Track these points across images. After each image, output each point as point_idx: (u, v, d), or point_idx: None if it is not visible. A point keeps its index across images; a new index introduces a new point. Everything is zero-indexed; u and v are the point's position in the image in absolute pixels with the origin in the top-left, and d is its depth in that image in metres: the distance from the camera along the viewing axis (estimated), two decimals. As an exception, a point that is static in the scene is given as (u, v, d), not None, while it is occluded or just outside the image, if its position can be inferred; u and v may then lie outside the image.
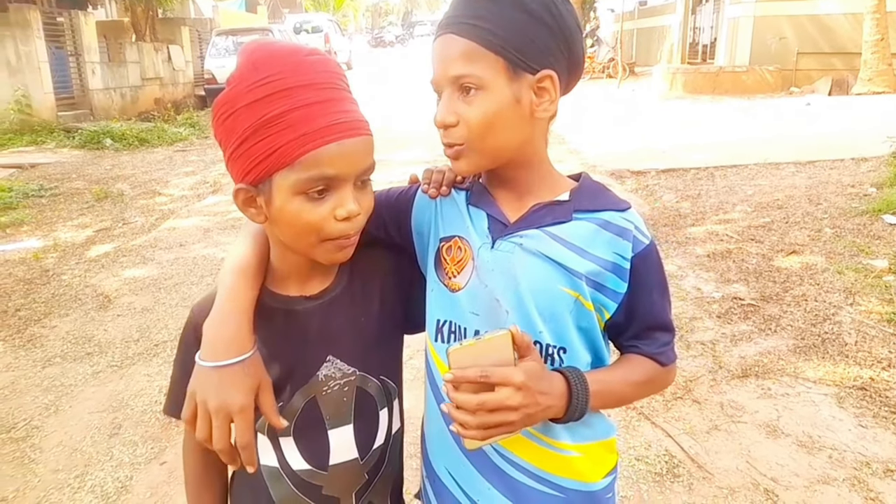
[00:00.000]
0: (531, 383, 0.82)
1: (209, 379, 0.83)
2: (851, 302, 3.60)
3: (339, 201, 0.85)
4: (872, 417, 2.62)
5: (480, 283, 0.92)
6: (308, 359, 0.95)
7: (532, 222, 0.92)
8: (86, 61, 12.08)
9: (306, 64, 0.83)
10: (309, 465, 0.97)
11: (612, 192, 0.97)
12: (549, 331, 0.91)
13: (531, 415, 0.83)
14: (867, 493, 2.20)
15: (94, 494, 2.37)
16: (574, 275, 0.89)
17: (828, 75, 12.91)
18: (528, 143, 0.92)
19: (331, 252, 0.89)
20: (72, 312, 4.02)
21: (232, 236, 5.48)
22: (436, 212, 1.01)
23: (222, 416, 0.82)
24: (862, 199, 5.33)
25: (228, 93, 0.83)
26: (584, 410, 0.87)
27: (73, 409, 2.94)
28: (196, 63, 17.00)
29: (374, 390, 1.00)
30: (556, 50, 0.87)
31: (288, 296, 0.96)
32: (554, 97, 0.89)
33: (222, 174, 7.94)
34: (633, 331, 0.95)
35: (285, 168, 0.82)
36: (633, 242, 0.91)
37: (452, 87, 0.88)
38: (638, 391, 0.98)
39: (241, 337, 0.86)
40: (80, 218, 6.17)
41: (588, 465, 0.96)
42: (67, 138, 10.18)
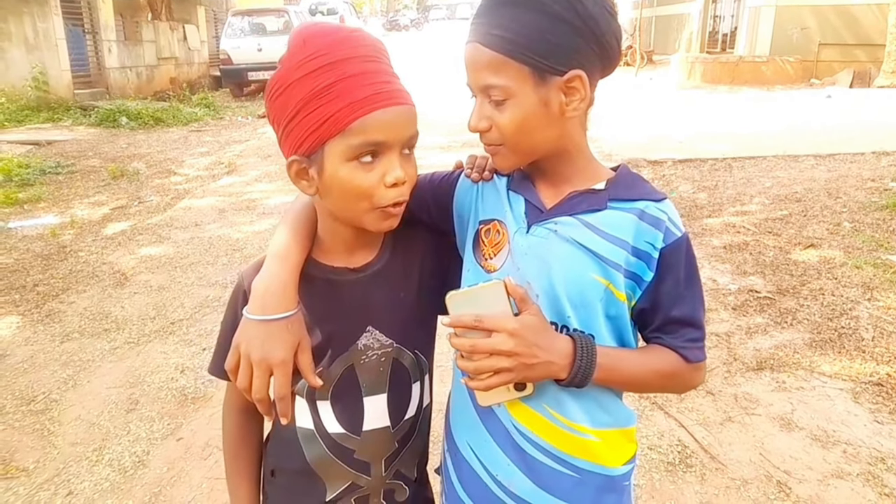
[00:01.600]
0: (525, 332, 0.84)
1: (254, 331, 0.89)
2: (869, 297, 3.57)
3: (387, 168, 0.89)
4: (888, 413, 2.60)
5: (514, 266, 0.94)
6: (349, 328, 0.99)
7: (567, 209, 0.93)
8: (102, 39, 12.11)
9: (351, 39, 0.88)
10: (343, 430, 1.01)
11: (648, 183, 0.98)
12: (577, 317, 0.92)
13: (528, 365, 0.85)
14: (881, 489, 2.19)
15: (111, 468, 2.41)
16: (606, 263, 0.90)
17: (850, 67, 12.70)
18: (562, 138, 0.93)
19: (379, 220, 0.92)
20: (89, 289, 4.07)
21: (247, 216, 5.51)
22: (477, 195, 1.03)
23: (263, 367, 0.87)
24: (882, 194, 5.26)
25: (280, 71, 0.88)
26: (588, 375, 0.88)
27: (90, 384, 2.99)
28: (211, 43, 17.00)
29: (409, 363, 1.04)
30: (584, 47, 0.87)
31: (333, 266, 1.00)
32: (584, 95, 0.89)
33: (237, 155, 7.98)
34: (658, 322, 0.96)
35: (336, 136, 0.86)
36: (664, 233, 0.91)
37: (483, 95, 0.91)
38: (655, 380, 0.97)
39: (287, 295, 0.91)
40: (97, 195, 6.22)
41: (606, 450, 0.97)
42: (84, 116, 10.24)
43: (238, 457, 1.09)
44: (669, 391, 1.11)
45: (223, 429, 1.10)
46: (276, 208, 5.71)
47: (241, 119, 11.14)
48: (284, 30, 13.87)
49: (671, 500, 2.17)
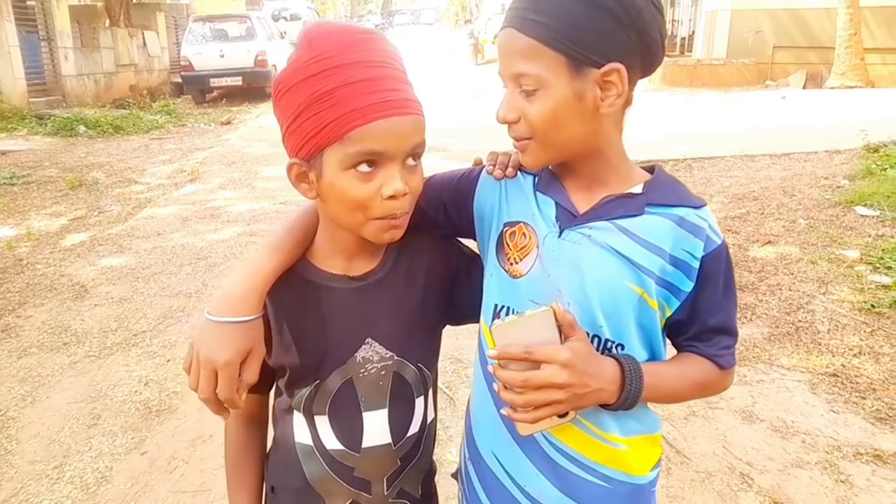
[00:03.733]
0: (577, 362, 0.80)
1: (206, 331, 0.87)
2: (824, 291, 3.68)
3: (386, 179, 0.85)
4: (843, 403, 2.69)
5: (543, 272, 0.90)
6: (347, 339, 0.96)
7: (602, 214, 0.89)
8: (58, 46, 11.81)
9: (359, 42, 0.85)
10: (342, 446, 0.98)
11: (686, 187, 0.94)
12: (608, 326, 0.89)
13: (579, 395, 0.81)
14: (838, 476, 2.27)
15: (73, 485, 2.35)
16: (641, 271, 0.87)
17: (802, 69, 13.11)
18: (595, 136, 0.88)
19: (379, 231, 0.89)
20: (47, 302, 3.96)
21: (211, 225, 5.43)
22: (500, 196, 0.98)
23: (209, 368, 0.86)
24: (835, 191, 5.44)
25: (286, 71, 0.86)
26: (636, 398, 0.85)
27: (50, 399, 2.91)
28: (172, 49, 16.71)
29: (411, 377, 1.00)
30: (625, 40, 0.82)
31: (332, 273, 0.96)
32: (622, 90, 0.84)
33: (200, 163, 7.85)
34: (695, 331, 0.92)
35: (335, 143, 0.84)
36: (705, 241, 0.87)
37: (514, 83, 0.86)
38: (692, 390, 0.95)
39: (247, 300, 0.89)
40: (54, 206, 6.06)
41: (635, 458, 0.95)
42: (39, 125, 9.96)
43: (238, 467, 1.07)
44: (702, 398, 1.07)
45: (225, 439, 1.08)
46: (241, 216, 5.64)
47: (204, 126, 10.97)
48: (247, 35, 13.70)
49: (638, 495, 2.21)
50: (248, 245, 4.88)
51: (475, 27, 24.18)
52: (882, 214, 4.74)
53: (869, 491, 2.20)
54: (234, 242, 4.96)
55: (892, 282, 3.66)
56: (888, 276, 3.75)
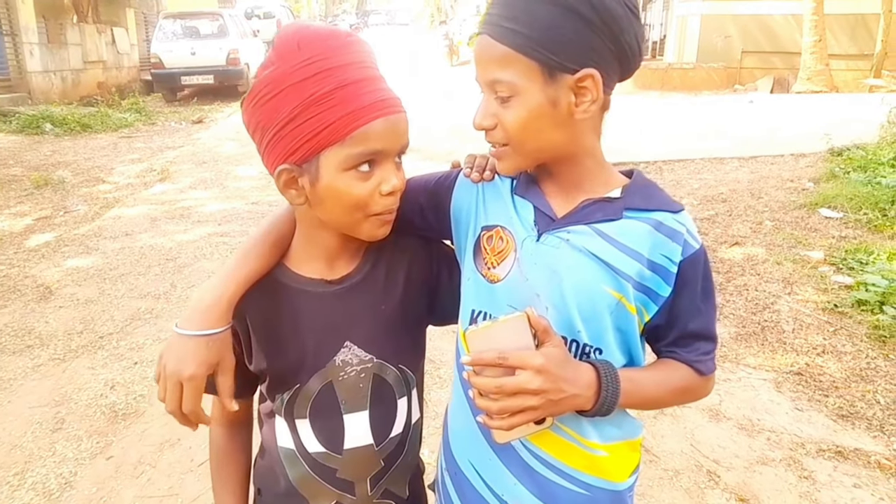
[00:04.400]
0: (551, 367, 0.79)
1: (174, 344, 0.88)
2: (789, 291, 3.77)
3: (383, 176, 0.87)
4: (807, 401, 2.76)
5: (521, 276, 0.90)
6: (325, 343, 0.96)
7: (581, 218, 0.89)
8: (23, 42, 11.50)
9: (347, 44, 0.86)
10: (324, 448, 0.98)
11: (664, 191, 0.94)
12: (587, 330, 0.88)
13: (554, 401, 0.81)
14: (801, 472, 2.32)
15: (35, 492, 2.30)
16: (620, 275, 0.86)
17: (770, 74, 13.41)
18: (571, 142, 0.88)
19: (374, 228, 0.91)
20: (10, 304, 3.86)
21: (181, 225, 5.35)
22: (478, 199, 0.98)
23: (174, 381, 0.86)
24: (800, 194, 5.57)
25: (272, 74, 0.84)
26: (613, 405, 0.85)
27: (12, 403, 2.83)
28: (142, 47, 16.41)
29: (392, 379, 1.00)
30: (600, 45, 0.82)
31: (310, 278, 0.97)
32: (597, 96, 0.83)
33: (170, 162, 7.73)
34: (673, 336, 0.92)
35: (335, 144, 0.84)
36: (683, 246, 0.87)
37: (489, 90, 0.86)
38: (671, 397, 0.95)
39: (213, 313, 0.89)
40: (18, 206, 5.91)
41: (614, 464, 0.94)
42: (3, 122, 9.69)
43: (223, 470, 1.07)
44: (682, 404, 1.06)
45: (209, 443, 1.08)
46: (212, 216, 5.57)
47: (175, 124, 10.80)
48: (219, 33, 13.50)
49: (608, 494, 2.23)
50: (218, 246, 4.82)
51: (450, 28, 24.19)
52: (845, 216, 4.87)
53: (830, 486, 2.25)
54: (204, 243, 4.89)
55: (854, 282, 3.76)
56: (850, 276, 3.85)
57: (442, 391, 2.85)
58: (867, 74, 12.58)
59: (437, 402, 2.73)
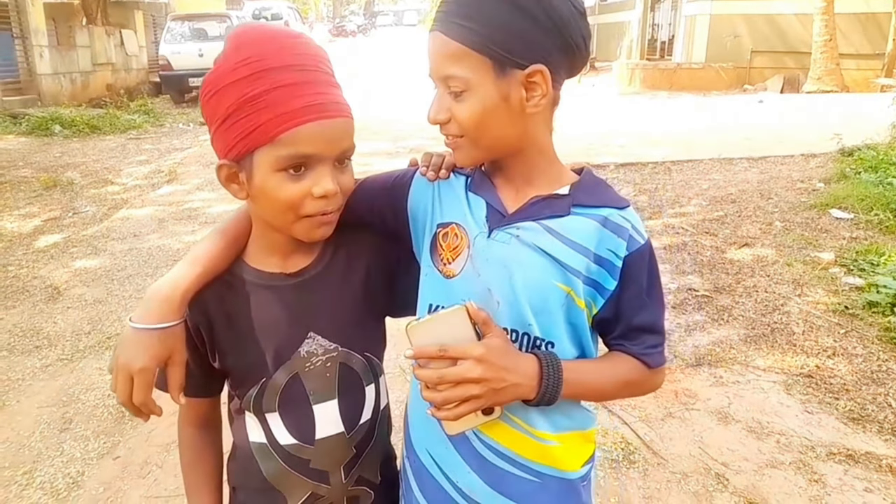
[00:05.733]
0: (492, 357, 0.82)
1: (126, 337, 0.88)
2: (799, 293, 3.73)
3: (316, 179, 0.87)
4: (818, 403, 2.73)
5: (474, 271, 0.92)
6: (289, 335, 0.97)
7: (530, 214, 0.91)
8: (33, 45, 11.59)
9: (288, 46, 0.86)
10: (295, 440, 0.99)
11: (612, 188, 0.97)
12: (538, 324, 0.91)
13: (496, 390, 0.83)
14: (811, 476, 2.30)
15: (43, 491, 2.30)
16: (568, 270, 0.89)
17: (780, 73, 13.32)
18: (524, 136, 0.91)
19: (309, 229, 0.91)
20: (19, 304, 3.88)
21: (188, 226, 5.36)
22: (434, 197, 1.00)
23: (124, 373, 0.87)
24: (810, 194, 5.52)
25: (214, 72, 0.87)
26: (555, 394, 0.87)
27: (20, 403, 2.85)
28: (150, 49, 16.51)
29: (359, 367, 1.02)
30: (547, 42, 0.85)
31: (269, 272, 0.98)
32: (546, 91, 0.87)
33: (178, 163, 7.76)
34: (621, 329, 0.95)
35: (265, 145, 0.85)
36: (628, 241, 0.90)
37: (443, 85, 0.89)
38: (618, 388, 0.97)
39: (166, 307, 0.89)
40: (28, 207, 5.95)
41: (565, 453, 0.96)
42: (14, 124, 9.78)
43: (195, 471, 1.07)
44: (630, 397, 1.09)
45: (179, 445, 1.08)
46: (219, 217, 5.57)
47: (182, 126, 10.85)
48: (226, 35, 13.53)
49: (615, 496, 2.22)
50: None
51: (457, 29, 24.13)
52: (856, 217, 4.82)
53: (841, 490, 2.23)
54: (212, 244, 4.90)
55: (865, 284, 3.72)
56: (861, 278, 3.81)
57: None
58: (878, 74, 12.48)
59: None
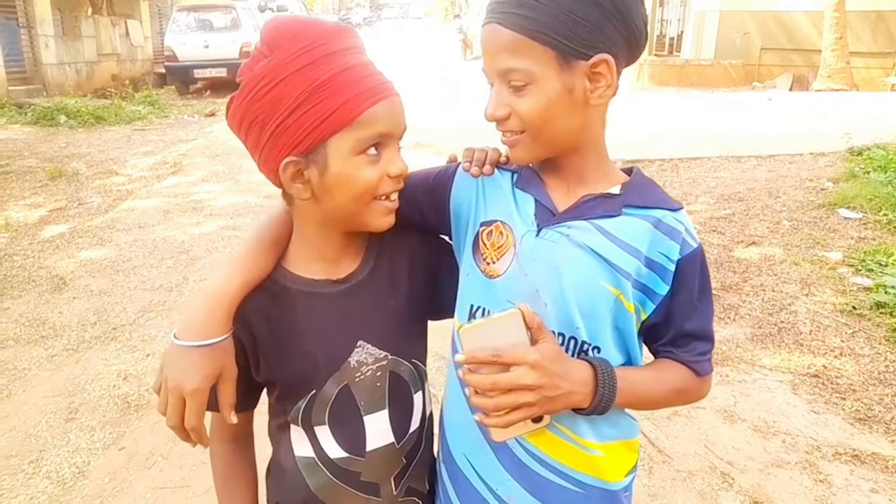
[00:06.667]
0: (546, 363, 0.79)
1: (173, 356, 0.84)
2: (807, 292, 3.72)
3: (390, 159, 0.87)
4: (824, 404, 2.72)
5: (521, 271, 0.89)
6: (338, 345, 0.94)
7: (581, 213, 0.88)
8: (38, 34, 11.58)
9: (337, 31, 0.85)
10: (346, 453, 0.96)
11: (663, 189, 0.94)
12: (585, 327, 0.88)
13: (550, 398, 0.80)
14: (817, 476, 2.29)
15: (49, 480, 2.31)
16: (618, 272, 0.86)
17: (789, 71, 13.23)
18: (584, 130, 0.88)
19: (381, 214, 0.89)
20: (25, 294, 3.88)
21: (193, 218, 5.36)
22: (478, 194, 0.96)
23: (176, 395, 0.83)
24: (819, 193, 5.49)
25: (269, 65, 0.82)
26: (609, 402, 0.84)
27: (26, 393, 2.85)
28: (156, 39, 16.48)
29: (408, 374, 0.99)
30: (612, 31, 0.82)
31: (314, 279, 0.94)
32: (611, 81, 0.84)
33: (183, 155, 7.75)
34: (671, 336, 0.92)
35: (343, 129, 0.82)
36: (681, 244, 0.87)
37: (501, 80, 0.85)
38: (668, 397, 0.94)
39: (213, 321, 0.85)
40: (33, 197, 5.95)
41: (610, 463, 0.94)
42: (19, 114, 9.78)
43: (231, 488, 1.02)
44: (678, 405, 1.04)
45: (212, 461, 1.03)
46: (224, 209, 5.58)
47: (188, 117, 10.84)
48: (232, 26, 13.54)
49: (620, 495, 2.21)
50: (230, 239, 4.83)
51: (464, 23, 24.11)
52: (864, 217, 4.79)
53: (847, 490, 2.22)
54: (216, 236, 4.90)
55: (873, 284, 3.70)
56: (870, 278, 3.79)
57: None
58: (889, 73, 12.40)
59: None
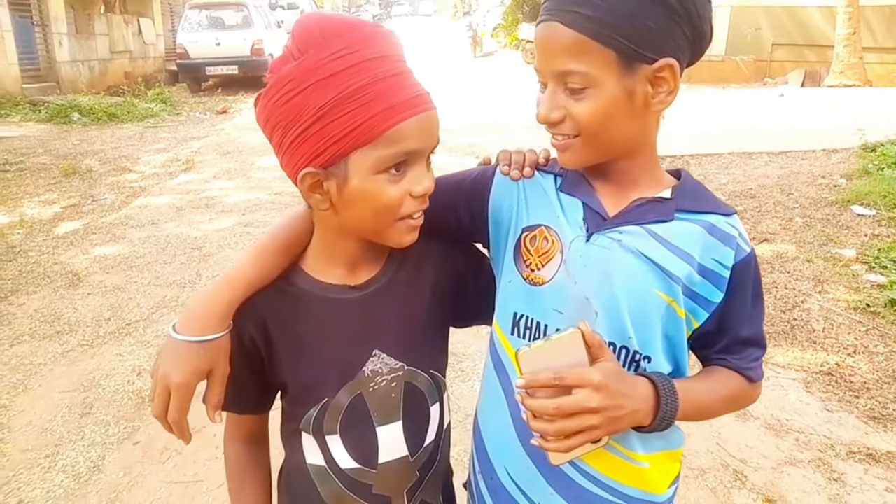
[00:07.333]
0: (610, 383, 0.75)
1: (167, 348, 0.84)
2: (820, 290, 3.69)
3: (416, 178, 0.81)
4: (837, 402, 2.70)
5: (569, 278, 0.85)
6: (353, 353, 0.91)
7: (633, 218, 0.85)
8: (52, 32, 11.68)
9: (376, 36, 0.79)
10: (357, 464, 0.93)
11: (713, 193, 0.91)
12: (637, 337, 0.85)
13: (614, 419, 0.77)
14: (830, 474, 2.28)
15: (65, 474, 2.34)
16: (671, 278, 0.83)
17: (801, 67, 13.11)
18: (640, 135, 0.85)
19: (404, 233, 0.85)
20: (40, 290, 3.93)
21: (206, 215, 5.40)
22: (519, 198, 0.92)
23: (162, 385, 0.82)
24: (832, 190, 5.44)
25: (296, 68, 0.76)
26: (672, 419, 0.81)
27: (42, 388, 2.89)
28: (168, 37, 16.57)
29: (425, 385, 0.95)
30: (679, 34, 0.78)
31: (332, 284, 0.90)
32: (673, 87, 0.80)
33: (195, 152, 7.80)
34: (724, 343, 0.89)
35: (367, 145, 0.77)
36: (735, 250, 0.85)
37: (557, 81, 0.81)
38: (723, 406, 0.91)
39: (209, 318, 0.84)
40: (48, 194, 6.01)
41: (654, 475, 0.91)
42: (33, 112, 9.88)
43: (244, 489, 1.00)
44: (730, 413, 0.98)
45: (225, 461, 1.02)
46: (236, 206, 5.61)
47: (200, 115, 10.90)
48: (244, 24, 13.59)
49: (632, 492, 2.21)
50: (242, 236, 4.85)
51: (474, 20, 24.07)
52: (878, 214, 4.75)
53: (861, 489, 2.20)
54: (228, 233, 4.93)
55: (887, 281, 3.67)
56: (883, 275, 3.76)
57: (464, 384, 2.84)
58: (902, 68, 12.25)
59: (460, 396, 2.72)
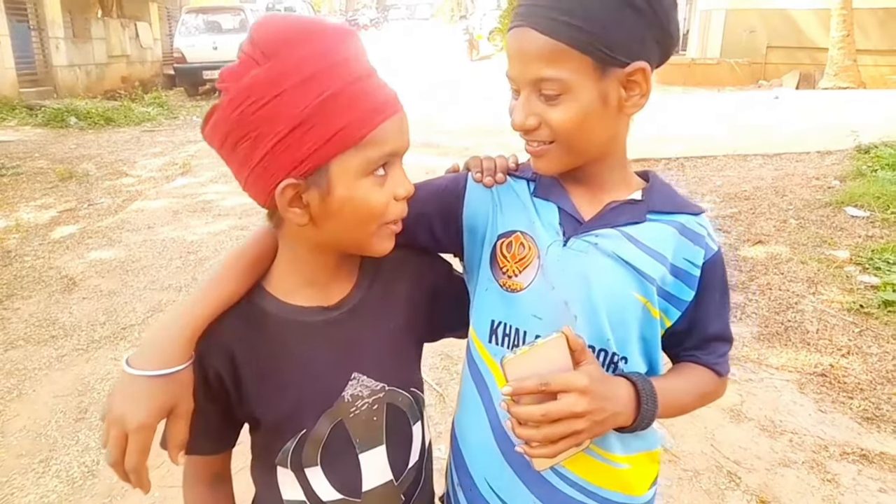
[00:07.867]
0: (595, 387, 0.76)
1: (121, 385, 0.76)
2: (814, 291, 3.70)
3: (397, 180, 0.79)
4: (831, 403, 2.71)
5: (547, 283, 0.85)
6: (331, 378, 0.85)
7: (608, 221, 0.85)
8: (49, 36, 11.69)
9: (345, 36, 0.75)
10: (340, 495, 0.87)
11: (681, 193, 0.92)
12: (615, 338, 0.85)
13: (598, 422, 0.77)
14: (824, 475, 2.28)
15: (59, 479, 2.34)
16: (646, 279, 0.84)
17: (795, 69, 13.15)
18: (613, 139, 0.86)
19: (385, 239, 0.82)
20: (35, 294, 3.92)
21: (202, 218, 5.40)
22: (494, 204, 0.91)
23: (118, 429, 0.74)
24: (826, 192, 5.46)
25: (265, 74, 0.71)
26: (652, 418, 0.82)
27: (36, 392, 2.88)
28: (165, 41, 16.59)
29: (406, 405, 0.91)
30: (650, 38, 0.79)
31: (304, 307, 0.85)
32: (645, 90, 0.81)
33: (192, 156, 7.80)
34: (694, 340, 0.91)
35: (350, 149, 0.73)
36: (705, 249, 0.86)
37: (532, 88, 0.81)
38: (695, 402, 0.93)
39: (170, 349, 0.77)
40: (44, 198, 6.00)
41: (634, 476, 0.91)
42: (30, 116, 9.87)
43: None
44: (699, 407, 0.99)
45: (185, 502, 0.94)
46: (233, 210, 5.61)
47: (196, 119, 10.90)
48: (240, 28, 13.63)
49: (626, 493, 2.21)
50: (238, 239, 4.85)
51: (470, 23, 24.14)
52: (872, 215, 4.77)
53: (854, 490, 2.21)
54: (224, 237, 4.93)
55: (880, 282, 3.68)
56: (877, 276, 3.78)
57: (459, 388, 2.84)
58: (896, 70, 12.30)
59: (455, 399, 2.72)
